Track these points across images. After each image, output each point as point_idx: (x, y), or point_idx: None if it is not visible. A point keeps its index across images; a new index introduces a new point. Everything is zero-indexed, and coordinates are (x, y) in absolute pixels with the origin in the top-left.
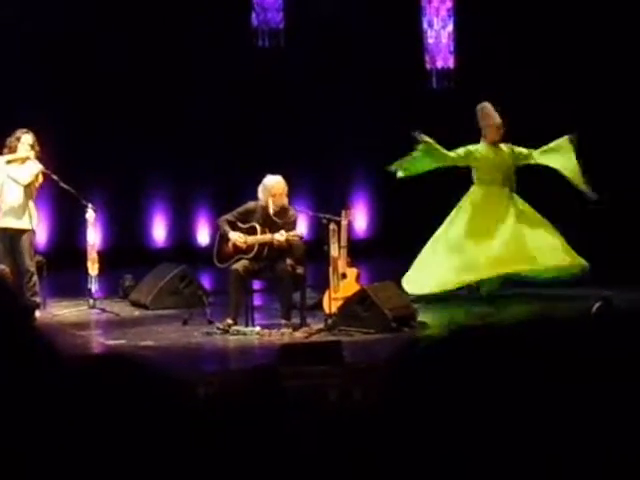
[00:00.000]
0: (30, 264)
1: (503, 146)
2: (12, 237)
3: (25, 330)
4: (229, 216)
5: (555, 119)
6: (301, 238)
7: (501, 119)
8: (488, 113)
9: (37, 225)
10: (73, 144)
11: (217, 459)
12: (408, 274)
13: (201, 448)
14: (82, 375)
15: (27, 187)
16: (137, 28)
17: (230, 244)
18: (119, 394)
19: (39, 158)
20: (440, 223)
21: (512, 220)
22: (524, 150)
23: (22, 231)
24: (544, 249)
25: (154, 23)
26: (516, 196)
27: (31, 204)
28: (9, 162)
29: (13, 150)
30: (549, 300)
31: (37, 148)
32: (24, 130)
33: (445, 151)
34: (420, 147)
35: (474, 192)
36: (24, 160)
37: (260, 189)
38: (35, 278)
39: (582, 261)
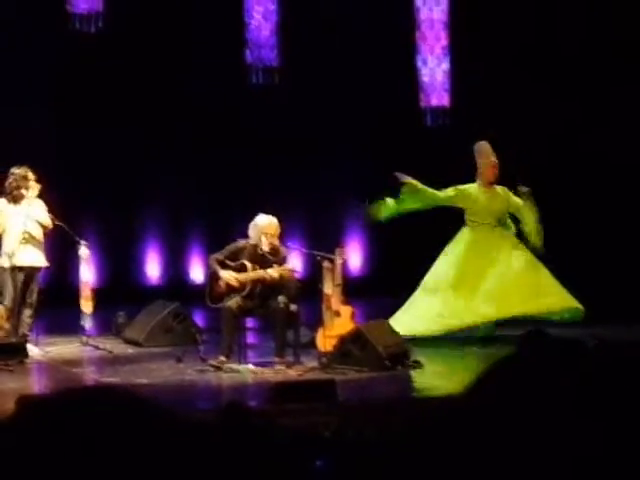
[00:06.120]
0: (35, 300)
1: (498, 189)
2: (27, 274)
3: None
4: (218, 255)
5: (549, 157)
6: (293, 271)
7: (497, 159)
8: (486, 151)
9: None
10: (66, 180)
11: None
12: (396, 315)
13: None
14: (77, 406)
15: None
16: (132, 63)
17: (222, 283)
18: (113, 424)
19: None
20: (434, 261)
21: (503, 264)
22: (519, 202)
23: (38, 269)
24: (537, 293)
25: (150, 58)
26: (507, 234)
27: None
28: (16, 201)
29: (24, 191)
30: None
31: (39, 181)
32: (22, 167)
33: (432, 191)
34: (403, 189)
35: (463, 234)
36: (23, 197)
37: (251, 227)
38: (33, 314)
39: (576, 304)
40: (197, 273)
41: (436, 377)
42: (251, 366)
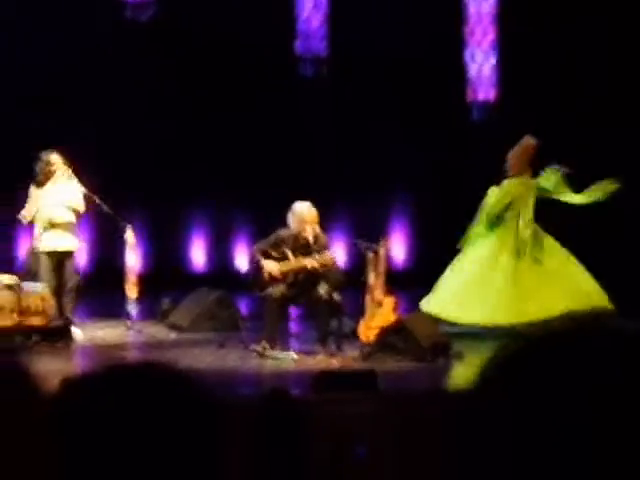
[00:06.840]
0: (74, 284)
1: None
2: (60, 258)
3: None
4: (261, 245)
5: (596, 153)
6: (334, 259)
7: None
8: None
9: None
10: (113, 165)
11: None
12: (434, 296)
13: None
14: (121, 383)
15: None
16: (180, 53)
17: (265, 273)
18: (158, 401)
19: (74, 175)
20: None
21: (550, 258)
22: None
23: (68, 253)
24: (578, 289)
25: (198, 49)
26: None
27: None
28: (40, 186)
29: (48, 176)
30: None
31: (69, 165)
32: (48, 151)
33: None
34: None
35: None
36: (47, 181)
37: (290, 216)
38: (74, 298)
39: (609, 305)
40: (242, 261)
41: (477, 368)
42: (293, 354)
